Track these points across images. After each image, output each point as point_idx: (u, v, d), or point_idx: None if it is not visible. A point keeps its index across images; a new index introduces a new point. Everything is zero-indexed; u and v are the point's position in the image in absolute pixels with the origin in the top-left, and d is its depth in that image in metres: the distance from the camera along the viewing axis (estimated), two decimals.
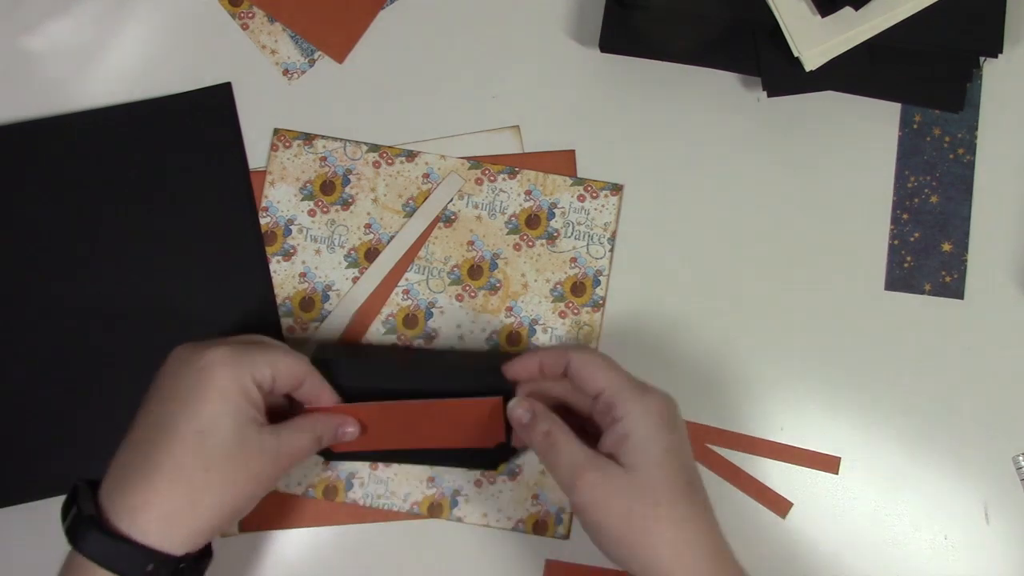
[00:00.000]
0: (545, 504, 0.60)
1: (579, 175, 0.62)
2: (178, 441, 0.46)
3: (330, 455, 0.58)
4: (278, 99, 0.63)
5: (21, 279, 0.61)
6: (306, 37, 0.63)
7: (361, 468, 0.60)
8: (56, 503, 0.59)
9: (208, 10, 0.63)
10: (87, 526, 0.45)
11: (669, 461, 0.47)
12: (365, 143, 0.62)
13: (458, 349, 0.61)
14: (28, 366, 0.60)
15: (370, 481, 0.60)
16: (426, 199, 0.62)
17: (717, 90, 0.63)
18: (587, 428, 0.52)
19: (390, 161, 0.62)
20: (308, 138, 0.62)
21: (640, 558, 0.45)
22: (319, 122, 0.62)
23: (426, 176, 0.62)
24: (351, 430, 0.54)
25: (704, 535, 0.47)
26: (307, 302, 0.61)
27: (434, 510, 0.60)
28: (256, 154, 0.62)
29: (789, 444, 0.60)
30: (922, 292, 0.61)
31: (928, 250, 0.62)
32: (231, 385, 0.48)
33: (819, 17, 0.58)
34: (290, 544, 0.60)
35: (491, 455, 0.57)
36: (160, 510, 0.45)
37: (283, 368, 0.50)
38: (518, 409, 0.51)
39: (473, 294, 0.61)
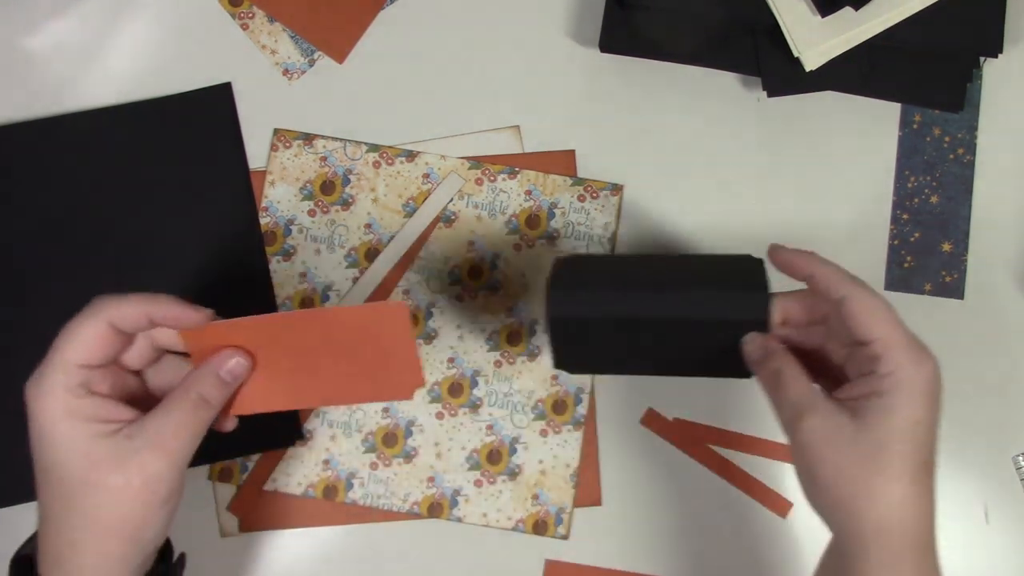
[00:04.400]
0: (545, 504, 0.60)
1: (579, 175, 0.62)
2: (46, 496, 0.44)
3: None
4: (278, 99, 0.63)
5: (21, 278, 0.61)
6: (306, 37, 0.63)
7: (361, 468, 0.60)
8: None
9: (208, 10, 0.63)
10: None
11: (911, 436, 0.44)
12: (365, 143, 0.62)
13: (706, 256, 0.58)
14: (28, 364, 0.60)
15: (370, 481, 0.60)
16: (426, 199, 0.62)
17: (717, 90, 0.63)
18: (826, 370, 0.49)
19: (390, 161, 0.62)
20: (308, 138, 0.62)
21: (856, 514, 0.44)
22: (319, 122, 0.62)
23: (426, 176, 0.62)
24: (234, 361, 0.46)
25: (922, 518, 0.45)
26: (307, 302, 0.61)
27: (434, 510, 0.60)
28: (256, 154, 0.62)
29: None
30: (922, 292, 0.61)
31: (928, 250, 0.62)
32: (50, 414, 0.44)
33: (819, 17, 0.58)
34: (290, 544, 0.60)
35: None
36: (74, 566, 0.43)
37: (92, 332, 0.45)
38: (750, 345, 0.49)
39: (473, 294, 0.61)
